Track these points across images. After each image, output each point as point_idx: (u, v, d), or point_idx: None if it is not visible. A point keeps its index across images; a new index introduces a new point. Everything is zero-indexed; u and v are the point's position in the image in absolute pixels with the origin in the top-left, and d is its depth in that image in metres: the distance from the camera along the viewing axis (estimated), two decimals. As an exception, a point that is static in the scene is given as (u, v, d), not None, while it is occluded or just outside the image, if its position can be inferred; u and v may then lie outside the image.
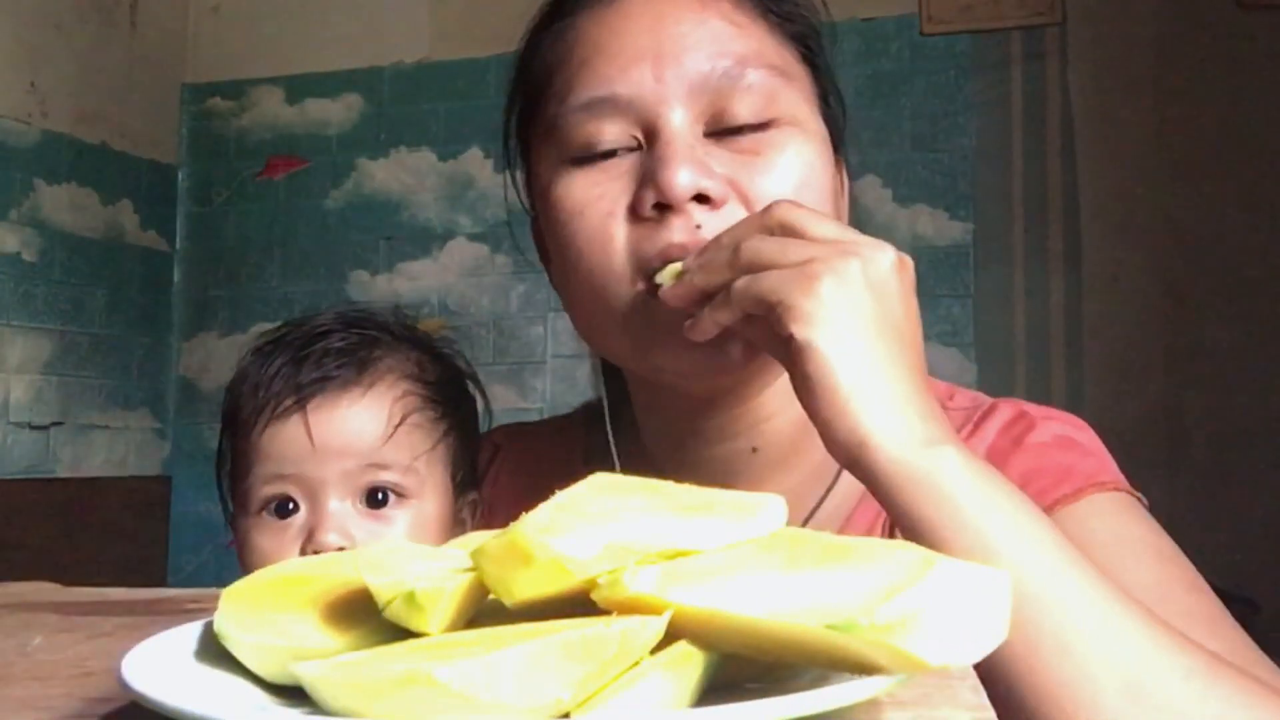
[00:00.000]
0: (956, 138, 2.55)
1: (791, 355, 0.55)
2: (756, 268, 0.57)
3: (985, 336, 2.48)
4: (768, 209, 0.60)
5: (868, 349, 0.55)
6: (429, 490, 0.81)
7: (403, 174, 2.90)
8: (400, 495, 0.79)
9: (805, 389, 0.56)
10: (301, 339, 0.82)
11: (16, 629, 0.56)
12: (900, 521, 0.54)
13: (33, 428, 2.55)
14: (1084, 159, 2.47)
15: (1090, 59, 2.48)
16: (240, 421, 0.81)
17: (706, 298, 0.60)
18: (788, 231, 0.58)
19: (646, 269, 0.64)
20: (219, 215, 3.02)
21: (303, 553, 0.77)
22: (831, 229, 0.59)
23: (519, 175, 0.78)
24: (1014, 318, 2.46)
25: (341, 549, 0.75)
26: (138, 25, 2.88)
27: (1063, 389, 2.40)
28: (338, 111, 2.96)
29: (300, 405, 0.78)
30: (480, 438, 0.88)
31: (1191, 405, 2.36)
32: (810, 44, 0.72)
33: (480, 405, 0.88)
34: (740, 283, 0.57)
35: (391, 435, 0.79)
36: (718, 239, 0.60)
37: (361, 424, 0.79)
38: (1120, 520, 0.67)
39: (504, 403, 2.76)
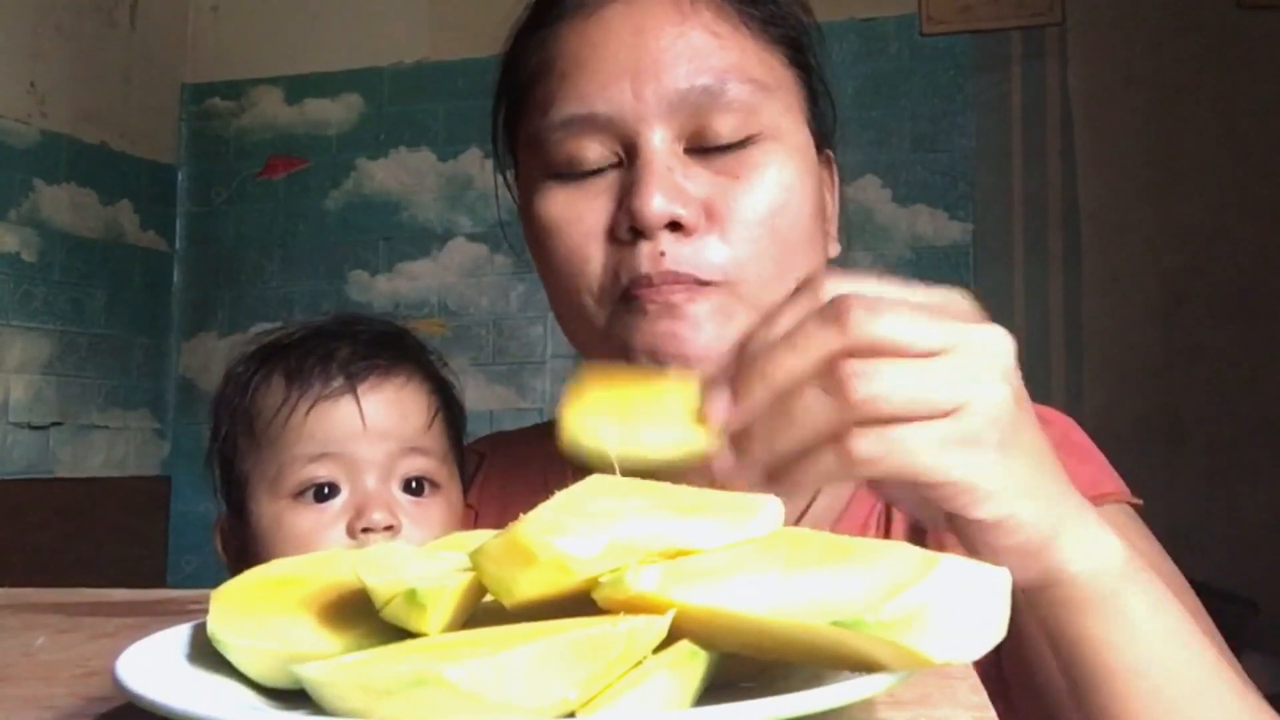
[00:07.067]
0: (956, 138, 2.55)
1: (974, 531, 0.48)
2: (870, 418, 0.44)
3: (985, 336, 2.48)
4: (837, 315, 0.45)
5: (1042, 485, 0.49)
6: (455, 486, 0.83)
7: (402, 174, 2.90)
8: (434, 485, 0.81)
9: (996, 549, 0.48)
10: (320, 334, 0.83)
11: (19, 629, 0.56)
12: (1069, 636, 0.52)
13: (32, 428, 2.55)
14: (1084, 159, 2.47)
15: (1090, 59, 2.48)
16: (264, 406, 0.81)
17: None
18: (882, 351, 0.44)
19: (621, 293, 0.65)
20: (219, 215, 3.02)
21: (349, 533, 0.77)
22: (934, 333, 0.45)
23: (510, 176, 0.78)
24: (1014, 318, 2.46)
25: (389, 528, 0.77)
26: (137, 25, 2.88)
27: (1062, 389, 2.40)
28: (337, 111, 2.96)
29: (351, 386, 0.79)
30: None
31: (1191, 405, 2.36)
32: (797, 45, 0.72)
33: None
34: (866, 447, 0.44)
35: (431, 424, 0.81)
36: (770, 369, 0.46)
37: (407, 408, 0.81)
38: (1123, 538, 0.68)
39: (504, 403, 2.76)
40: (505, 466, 0.87)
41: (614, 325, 0.66)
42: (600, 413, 0.49)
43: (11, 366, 2.50)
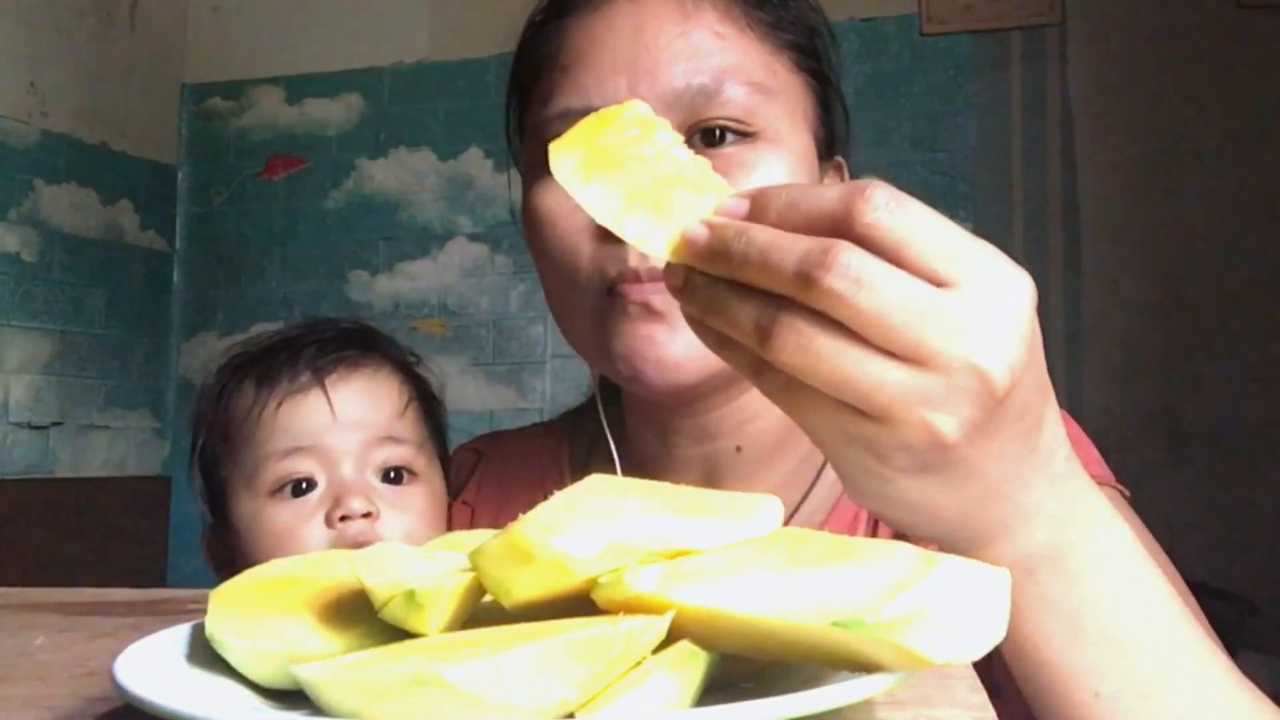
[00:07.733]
0: (956, 138, 2.55)
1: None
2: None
3: (985, 336, 2.48)
4: (856, 191, 0.39)
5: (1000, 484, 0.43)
6: (435, 473, 0.84)
7: (402, 174, 2.90)
8: (412, 473, 0.81)
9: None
10: (287, 339, 0.84)
11: (19, 629, 0.56)
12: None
13: (32, 428, 2.55)
14: (1084, 159, 2.46)
15: (1090, 59, 2.48)
16: (236, 410, 0.81)
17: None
18: (884, 247, 0.39)
19: (609, 285, 0.65)
20: (219, 215, 3.02)
21: (327, 523, 0.77)
22: (955, 253, 0.40)
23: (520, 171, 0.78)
24: (1014, 318, 2.46)
25: (367, 515, 0.77)
26: (138, 25, 2.88)
27: (1063, 389, 2.39)
28: (338, 111, 2.96)
29: (318, 380, 0.80)
30: (461, 446, 0.91)
31: (1191, 405, 2.36)
32: (808, 50, 0.72)
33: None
34: (791, 335, 0.39)
35: (404, 411, 0.82)
36: (769, 218, 0.41)
37: (378, 397, 0.82)
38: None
39: (504, 403, 2.76)
40: (503, 465, 0.88)
41: (598, 323, 0.67)
42: (598, 167, 0.45)
43: (11, 366, 2.50)
